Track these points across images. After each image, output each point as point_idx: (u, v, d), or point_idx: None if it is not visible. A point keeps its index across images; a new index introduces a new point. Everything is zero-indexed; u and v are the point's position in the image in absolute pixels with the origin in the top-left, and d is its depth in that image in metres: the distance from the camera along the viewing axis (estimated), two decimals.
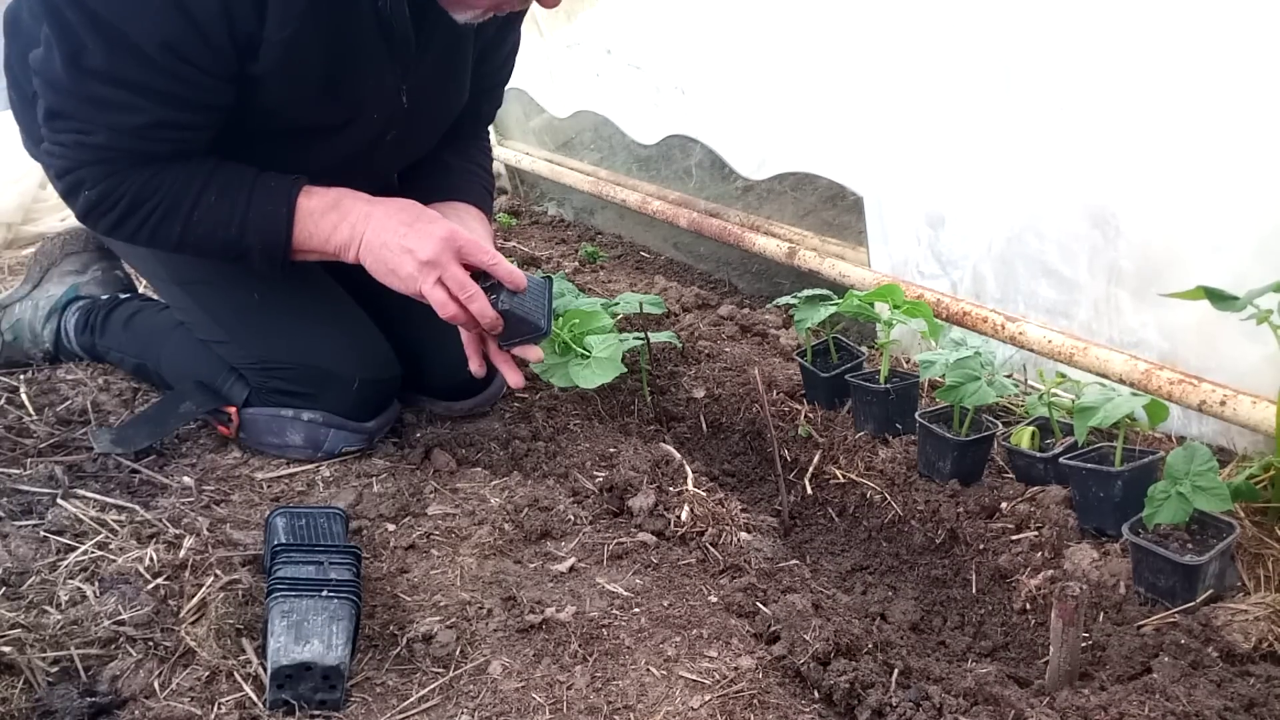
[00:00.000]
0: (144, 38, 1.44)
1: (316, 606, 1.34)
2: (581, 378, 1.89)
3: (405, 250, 1.61)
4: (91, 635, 1.35)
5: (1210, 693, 1.26)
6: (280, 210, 1.62)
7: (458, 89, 1.87)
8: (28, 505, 1.65)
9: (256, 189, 1.62)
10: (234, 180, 1.62)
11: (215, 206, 1.61)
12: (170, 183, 1.59)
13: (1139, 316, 1.86)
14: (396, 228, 1.62)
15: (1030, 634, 1.55)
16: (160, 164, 1.59)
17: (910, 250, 2.30)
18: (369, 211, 1.64)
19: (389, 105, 1.72)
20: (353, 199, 1.66)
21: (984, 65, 2.02)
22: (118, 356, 2.11)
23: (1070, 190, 1.92)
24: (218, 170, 1.62)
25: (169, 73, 1.48)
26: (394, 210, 1.65)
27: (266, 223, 1.62)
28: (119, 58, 1.45)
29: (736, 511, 1.70)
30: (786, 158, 2.63)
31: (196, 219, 1.61)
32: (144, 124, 1.52)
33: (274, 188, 1.63)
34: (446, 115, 1.90)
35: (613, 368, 1.90)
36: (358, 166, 1.79)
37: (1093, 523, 1.61)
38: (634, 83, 3.09)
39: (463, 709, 1.29)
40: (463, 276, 1.62)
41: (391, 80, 1.70)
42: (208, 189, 1.61)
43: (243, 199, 1.61)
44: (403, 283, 1.63)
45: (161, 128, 1.54)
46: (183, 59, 1.47)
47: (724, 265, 3.25)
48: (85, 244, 2.27)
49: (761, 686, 1.32)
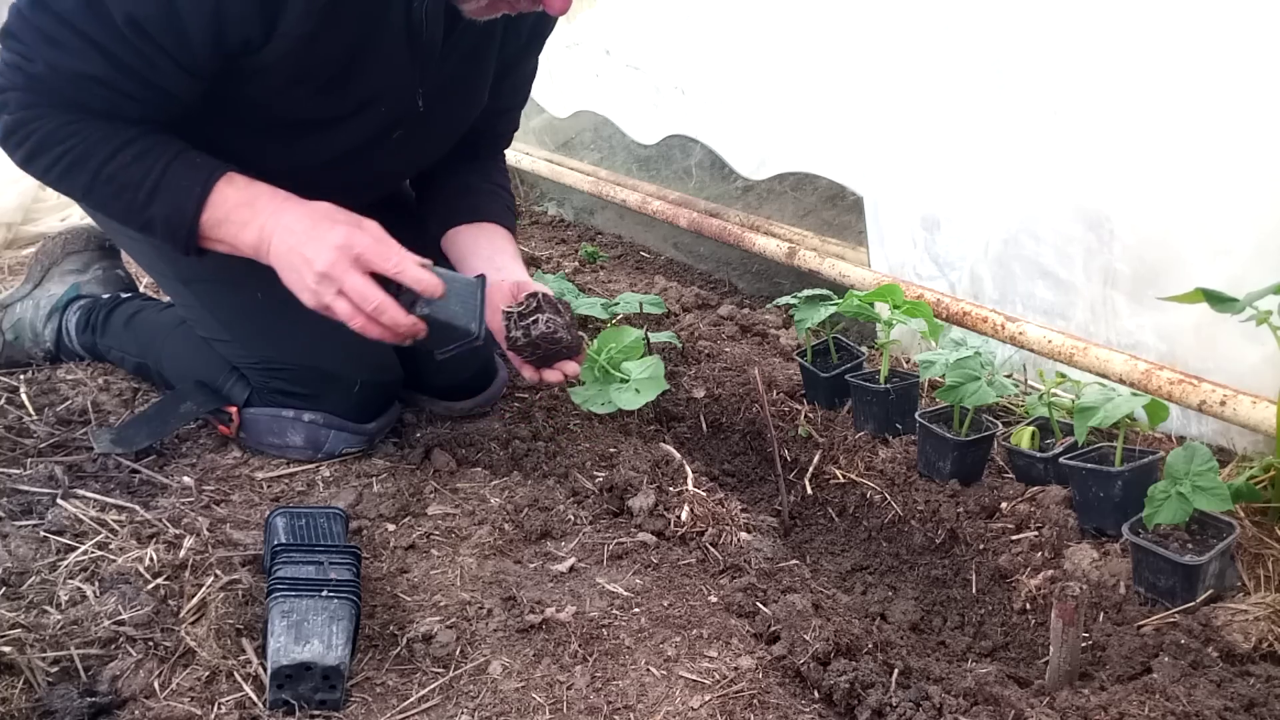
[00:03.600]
0: (116, 5, 1.42)
1: (316, 606, 1.34)
2: (624, 401, 1.86)
3: (304, 260, 1.50)
4: (91, 635, 1.35)
5: (1210, 693, 1.26)
6: (194, 188, 1.54)
7: (475, 99, 1.86)
8: (28, 505, 1.65)
9: (177, 161, 1.55)
10: (157, 148, 1.56)
11: (129, 167, 1.54)
12: (89, 133, 1.53)
13: (1135, 319, 1.86)
14: (298, 233, 1.51)
15: (1030, 634, 1.55)
16: (87, 114, 1.53)
17: (907, 253, 2.30)
18: (279, 210, 1.54)
19: (401, 106, 1.71)
20: (270, 197, 1.56)
21: (975, 67, 2.03)
22: (118, 356, 2.11)
23: (1064, 193, 1.93)
24: (144, 136, 1.56)
25: (129, 44, 1.45)
26: (302, 213, 1.53)
27: (176, 196, 1.55)
28: (85, 10, 1.43)
29: (736, 511, 1.70)
30: (786, 158, 2.63)
31: (107, 174, 1.54)
32: (84, 73, 1.47)
33: (197, 164, 1.56)
34: (460, 123, 1.89)
35: (655, 386, 1.88)
36: (356, 165, 1.77)
37: (1093, 523, 1.61)
38: (633, 83, 3.09)
39: (463, 709, 1.29)
40: (364, 287, 1.48)
41: (408, 82, 1.68)
42: (126, 148, 1.54)
43: (159, 166, 1.55)
44: (304, 296, 1.52)
45: (100, 84, 1.49)
46: (148, 39, 1.44)
47: (724, 265, 3.26)
48: (87, 243, 2.27)
49: (761, 686, 1.32)
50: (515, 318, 1.67)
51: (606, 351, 1.94)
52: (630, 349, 1.94)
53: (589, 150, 3.97)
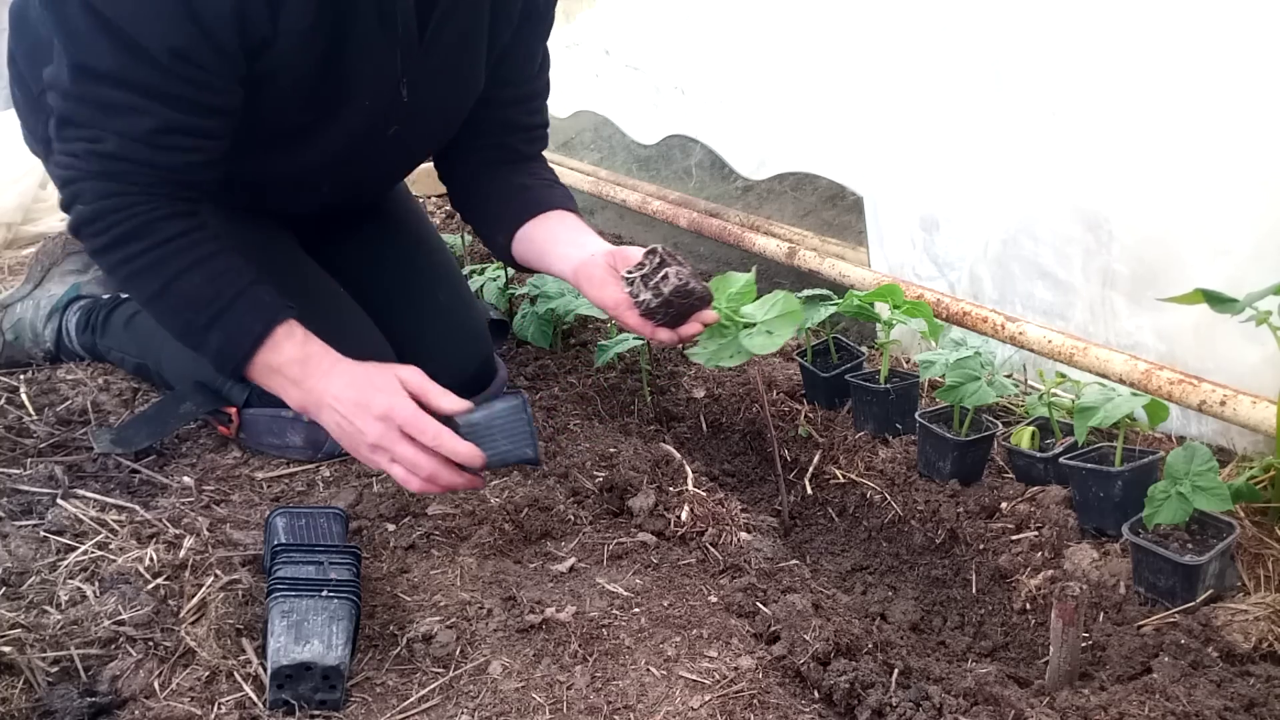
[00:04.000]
0: (154, 42, 1.41)
1: (316, 606, 1.34)
2: (758, 345, 1.62)
3: (357, 431, 1.49)
4: (91, 635, 1.35)
5: (1210, 693, 1.26)
6: (255, 328, 1.53)
7: (466, 88, 1.80)
8: (28, 505, 1.65)
9: (244, 295, 1.54)
10: (230, 273, 1.55)
11: (200, 287, 1.53)
12: (168, 238, 1.52)
13: (1134, 319, 1.86)
14: (345, 403, 1.50)
15: (1030, 634, 1.55)
16: (164, 205, 1.52)
17: (906, 253, 2.30)
18: (327, 375, 1.53)
19: (384, 97, 1.68)
20: (320, 357, 1.55)
21: (975, 68, 2.03)
22: (118, 356, 2.11)
23: (1062, 194, 1.93)
24: (220, 255, 1.55)
25: (179, 77, 1.44)
26: (347, 382, 1.51)
27: (235, 333, 1.53)
28: (128, 61, 1.42)
29: (736, 511, 1.70)
30: (786, 158, 2.63)
31: (176, 289, 1.53)
32: (154, 128, 1.46)
33: (262, 303, 1.55)
34: (454, 113, 1.84)
35: (791, 322, 1.63)
36: (354, 163, 1.76)
37: (1093, 523, 1.61)
38: (633, 83, 3.09)
39: (463, 709, 1.29)
40: (414, 455, 1.47)
41: (390, 71, 1.64)
42: (200, 266, 1.53)
43: (228, 294, 1.53)
44: (362, 459, 1.54)
45: (171, 133, 1.48)
46: (193, 64, 1.44)
47: (724, 265, 3.25)
48: None
49: (761, 686, 1.32)
50: (641, 280, 1.54)
51: (726, 300, 1.69)
52: (743, 294, 1.70)
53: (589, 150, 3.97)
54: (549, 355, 2.31)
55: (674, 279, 1.51)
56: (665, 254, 1.54)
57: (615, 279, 1.59)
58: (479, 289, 2.43)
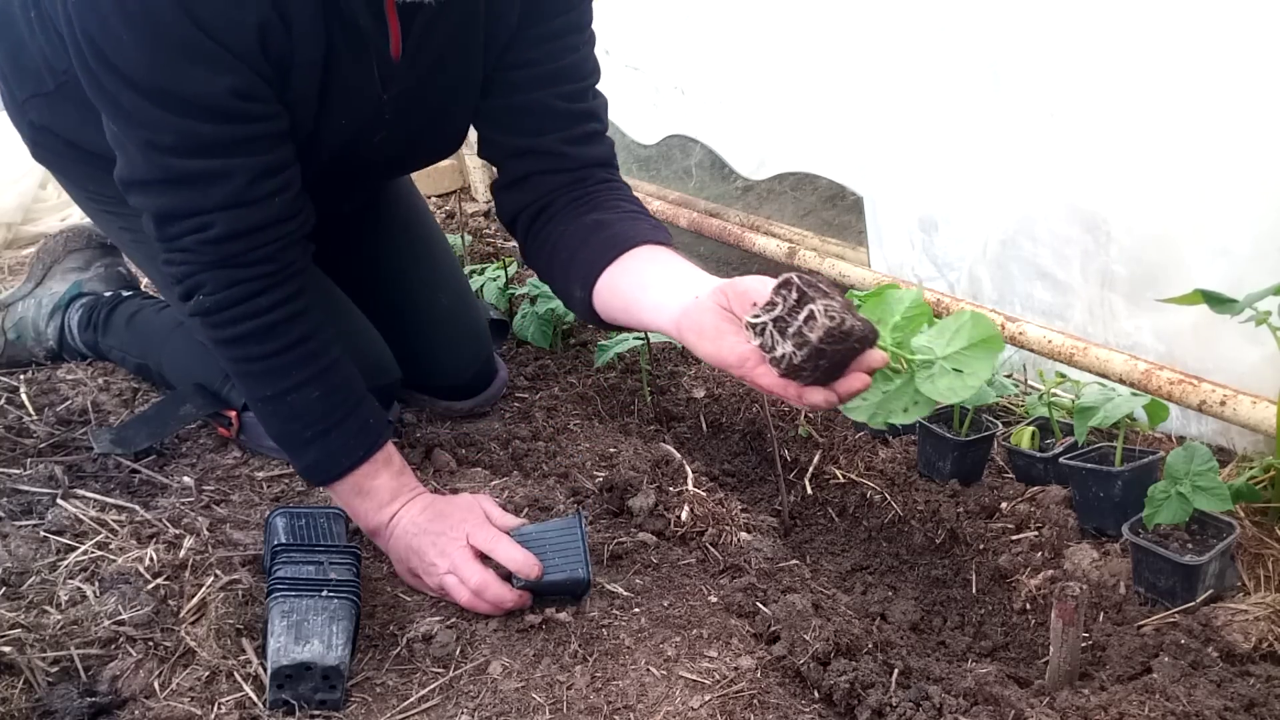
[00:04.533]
0: (213, 91, 1.34)
1: (316, 606, 1.34)
2: (943, 391, 1.23)
3: (422, 571, 1.50)
4: (91, 635, 1.35)
5: (1210, 693, 1.26)
6: (356, 452, 1.52)
7: (459, 94, 1.63)
8: (28, 505, 1.65)
9: (352, 416, 1.52)
10: (342, 391, 1.52)
11: (313, 404, 1.50)
12: (288, 345, 1.48)
13: (1133, 320, 1.86)
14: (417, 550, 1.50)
15: (1030, 634, 1.55)
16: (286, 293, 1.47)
17: (906, 253, 2.30)
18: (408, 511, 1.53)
19: (361, 114, 1.56)
20: (409, 494, 1.55)
21: (974, 69, 2.03)
22: (120, 355, 2.12)
23: (1061, 194, 1.93)
24: (335, 369, 1.52)
25: (249, 114, 1.38)
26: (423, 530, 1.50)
27: (334, 453, 1.52)
28: (188, 123, 1.35)
29: (736, 511, 1.70)
30: (786, 158, 2.63)
31: (290, 400, 1.50)
32: (244, 184, 1.39)
33: (367, 426, 1.54)
34: (450, 125, 1.71)
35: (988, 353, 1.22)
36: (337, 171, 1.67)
37: (1093, 523, 1.61)
38: (633, 83, 3.09)
39: (463, 709, 1.29)
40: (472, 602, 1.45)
41: (370, 91, 1.52)
42: (316, 383, 1.50)
43: (336, 415, 1.51)
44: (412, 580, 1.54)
45: (259, 181, 1.41)
46: (253, 97, 1.38)
47: (724, 265, 3.25)
48: (88, 241, 2.28)
49: (761, 686, 1.32)
50: (774, 326, 1.13)
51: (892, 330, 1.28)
52: (912, 320, 1.28)
53: None
54: (549, 355, 2.31)
55: (823, 318, 1.09)
56: (803, 284, 1.12)
57: (733, 325, 1.22)
58: (479, 289, 2.43)
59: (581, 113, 1.61)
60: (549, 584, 1.45)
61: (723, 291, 1.25)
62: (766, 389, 1.18)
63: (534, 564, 1.44)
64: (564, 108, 1.60)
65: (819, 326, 1.09)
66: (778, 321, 1.13)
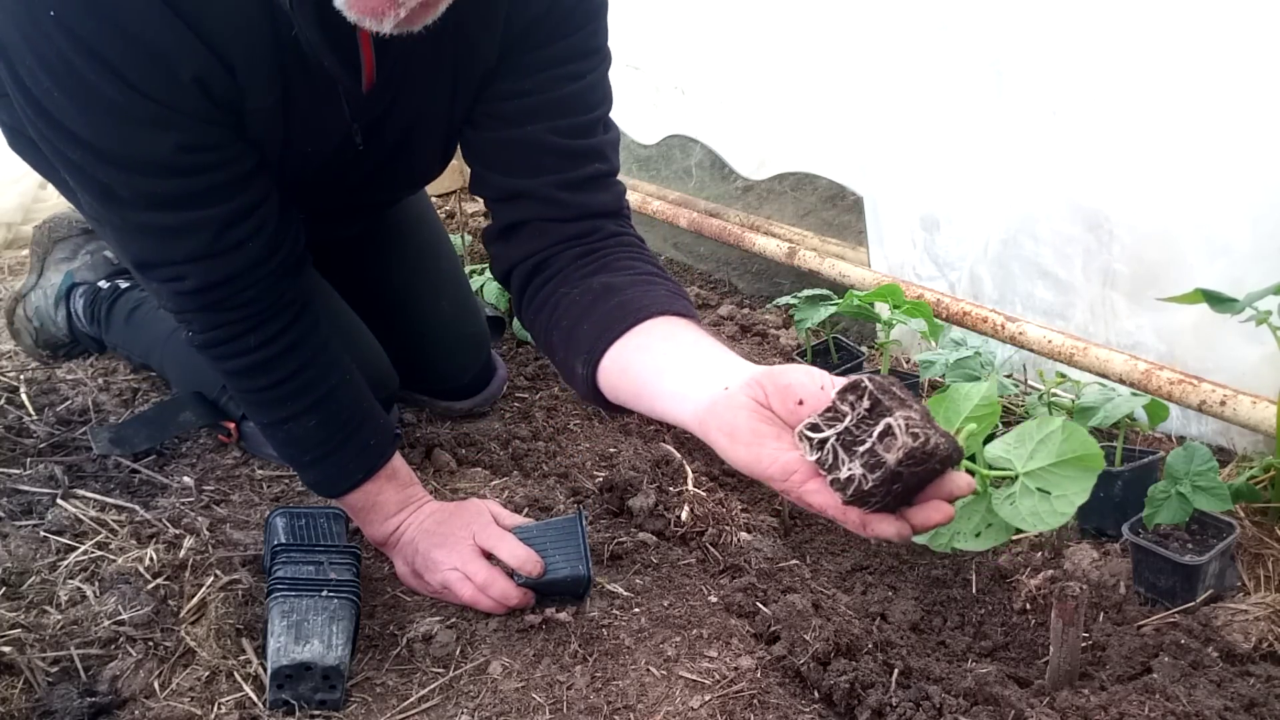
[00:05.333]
0: (157, 145, 1.25)
1: (316, 606, 1.34)
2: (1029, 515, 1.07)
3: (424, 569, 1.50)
4: (91, 635, 1.35)
5: (1210, 693, 1.26)
6: (356, 475, 1.51)
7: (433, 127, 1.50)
8: (28, 505, 1.65)
9: (350, 443, 1.50)
10: (343, 414, 1.50)
11: (313, 430, 1.48)
12: (282, 378, 1.45)
13: (1135, 319, 1.86)
14: (422, 556, 1.50)
15: (1030, 634, 1.55)
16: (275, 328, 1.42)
17: (906, 253, 2.30)
18: (415, 525, 1.53)
19: (330, 144, 1.45)
20: (415, 508, 1.54)
21: (975, 67, 2.02)
22: (124, 352, 2.14)
23: (1063, 193, 1.92)
24: (340, 390, 1.49)
25: (201, 163, 1.29)
26: (432, 543, 1.50)
27: (335, 474, 1.52)
28: (143, 180, 1.28)
29: (736, 511, 1.70)
30: (786, 158, 2.63)
31: (288, 427, 1.48)
32: (211, 236, 1.32)
33: (368, 448, 1.52)
34: (429, 157, 1.60)
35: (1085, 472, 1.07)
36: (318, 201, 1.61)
37: (1093, 523, 1.61)
38: (633, 83, 3.09)
39: (463, 709, 1.29)
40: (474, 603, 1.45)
41: (338, 123, 1.41)
42: (314, 412, 1.47)
43: (336, 439, 1.49)
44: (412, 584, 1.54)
45: (227, 230, 1.33)
46: (202, 149, 1.29)
47: (724, 265, 3.25)
48: (70, 229, 2.29)
49: (761, 686, 1.32)
50: (839, 443, 0.95)
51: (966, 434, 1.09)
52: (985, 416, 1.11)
53: None
54: None
55: (903, 436, 0.90)
56: (877, 390, 0.93)
57: (774, 429, 1.05)
58: (479, 289, 2.43)
59: (583, 151, 1.41)
60: (550, 581, 1.46)
61: (759, 384, 1.07)
62: (819, 510, 0.99)
63: (536, 561, 1.44)
64: (562, 145, 1.40)
65: (898, 446, 0.90)
66: (843, 435, 0.94)
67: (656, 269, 1.40)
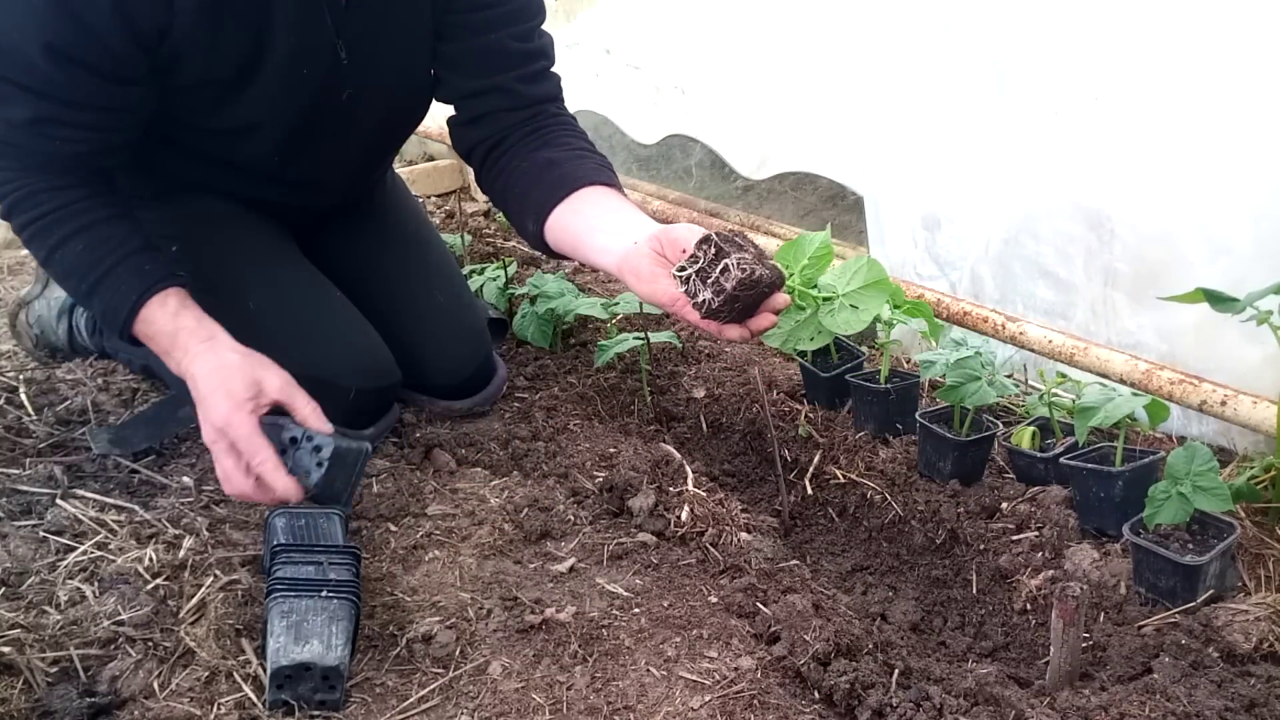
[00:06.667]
0: (26, 39, 1.40)
1: (316, 607, 1.34)
2: (841, 323, 1.46)
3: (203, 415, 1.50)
4: (91, 635, 1.35)
5: (1211, 693, 1.26)
6: (130, 298, 1.54)
7: (414, 37, 1.71)
8: (27, 505, 1.65)
9: (123, 264, 1.55)
10: (111, 241, 1.56)
11: (81, 255, 1.54)
12: (51, 209, 1.54)
13: (1136, 319, 1.86)
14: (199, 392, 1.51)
15: (1030, 634, 1.55)
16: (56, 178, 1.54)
17: (907, 253, 2.29)
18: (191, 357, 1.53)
19: (319, 61, 1.61)
20: (189, 336, 1.54)
21: (976, 66, 2.02)
22: (125, 358, 2.13)
23: (1064, 193, 1.92)
24: (105, 223, 1.56)
25: (58, 75, 1.43)
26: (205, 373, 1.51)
27: (113, 301, 1.55)
28: (5, 60, 1.42)
29: (736, 511, 1.70)
30: (786, 158, 2.63)
31: (59, 257, 1.55)
32: (34, 118, 1.47)
33: (142, 271, 1.55)
34: (412, 72, 1.76)
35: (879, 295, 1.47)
36: (316, 137, 1.72)
37: (1093, 523, 1.61)
38: (633, 82, 3.09)
39: (463, 709, 1.29)
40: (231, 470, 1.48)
41: (320, 35, 1.58)
42: (81, 235, 1.54)
43: (106, 264, 1.54)
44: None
45: (53, 124, 1.48)
46: (72, 61, 1.42)
47: None
48: None
49: (761, 687, 1.32)
50: (697, 277, 1.35)
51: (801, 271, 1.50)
52: (819, 260, 1.50)
53: None
54: (549, 355, 2.31)
55: (735, 270, 1.31)
56: (720, 241, 1.34)
57: (666, 270, 1.42)
58: (479, 289, 2.43)
59: (533, 51, 1.76)
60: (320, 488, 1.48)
61: (658, 239, 1.45)
62: (694, 324, 1.41)
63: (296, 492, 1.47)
64: (517, 48, 1.73)
65: (732, 277, 1.31)
66: (700, 272, 1.35)
67: (588, 145, 1.76)
